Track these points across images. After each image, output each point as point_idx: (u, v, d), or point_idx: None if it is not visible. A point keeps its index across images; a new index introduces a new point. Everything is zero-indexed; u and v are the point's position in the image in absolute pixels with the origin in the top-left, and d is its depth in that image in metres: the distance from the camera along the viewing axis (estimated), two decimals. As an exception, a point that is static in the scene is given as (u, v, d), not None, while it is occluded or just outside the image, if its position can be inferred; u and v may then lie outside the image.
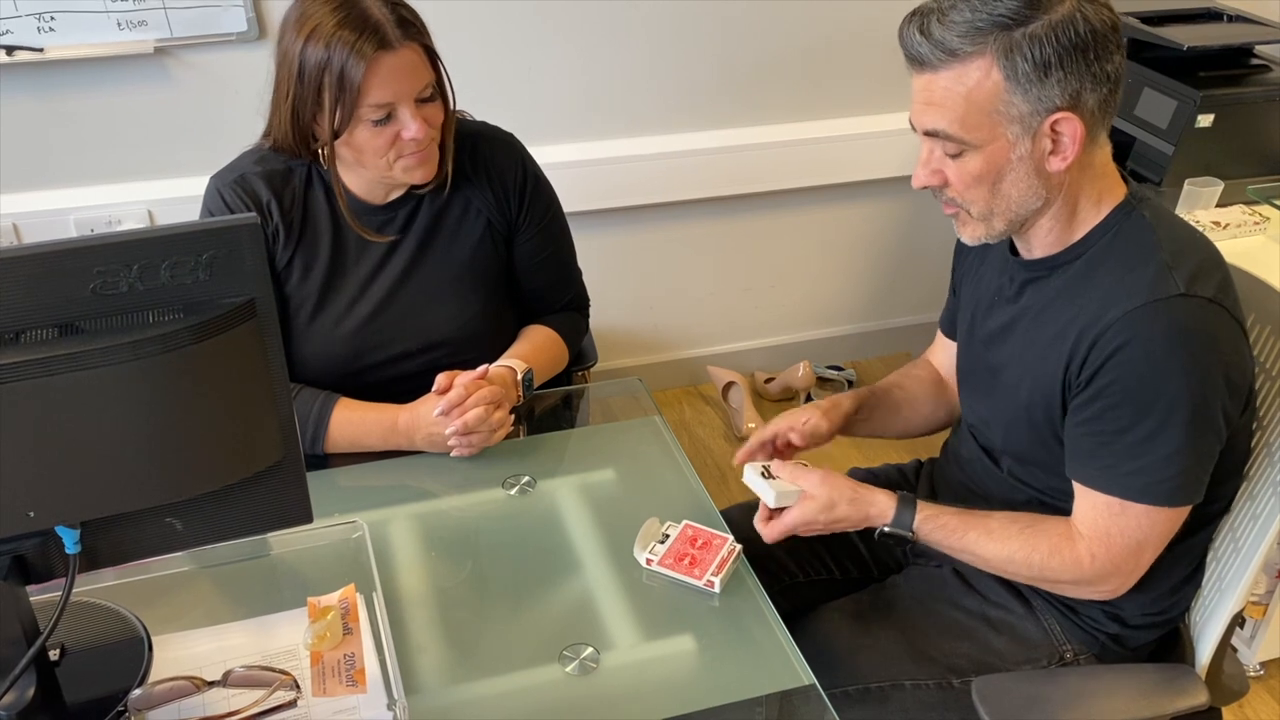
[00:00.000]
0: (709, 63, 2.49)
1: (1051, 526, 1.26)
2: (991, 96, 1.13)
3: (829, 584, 1.55)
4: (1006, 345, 1.34)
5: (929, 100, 1.17)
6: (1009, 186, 1.19)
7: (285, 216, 1.50)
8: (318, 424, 1.46)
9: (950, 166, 1.20)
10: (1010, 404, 1.32)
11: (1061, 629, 1.37)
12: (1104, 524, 1.22)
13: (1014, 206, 1.21)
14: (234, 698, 1.08)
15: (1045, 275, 1.28)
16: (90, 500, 0.95)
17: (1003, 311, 1.35)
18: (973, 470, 1.46)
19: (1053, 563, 1.25)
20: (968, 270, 1.47)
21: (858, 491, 1.29)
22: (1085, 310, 1.20)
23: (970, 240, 1.27)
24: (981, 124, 1.15)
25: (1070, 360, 1.21)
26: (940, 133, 1.17)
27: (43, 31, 2.04)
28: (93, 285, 0.89)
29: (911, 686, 1.35)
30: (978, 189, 1.20)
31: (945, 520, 1.29)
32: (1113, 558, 1.23)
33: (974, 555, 1.29)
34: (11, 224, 2.18)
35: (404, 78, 1.37)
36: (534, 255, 1.64)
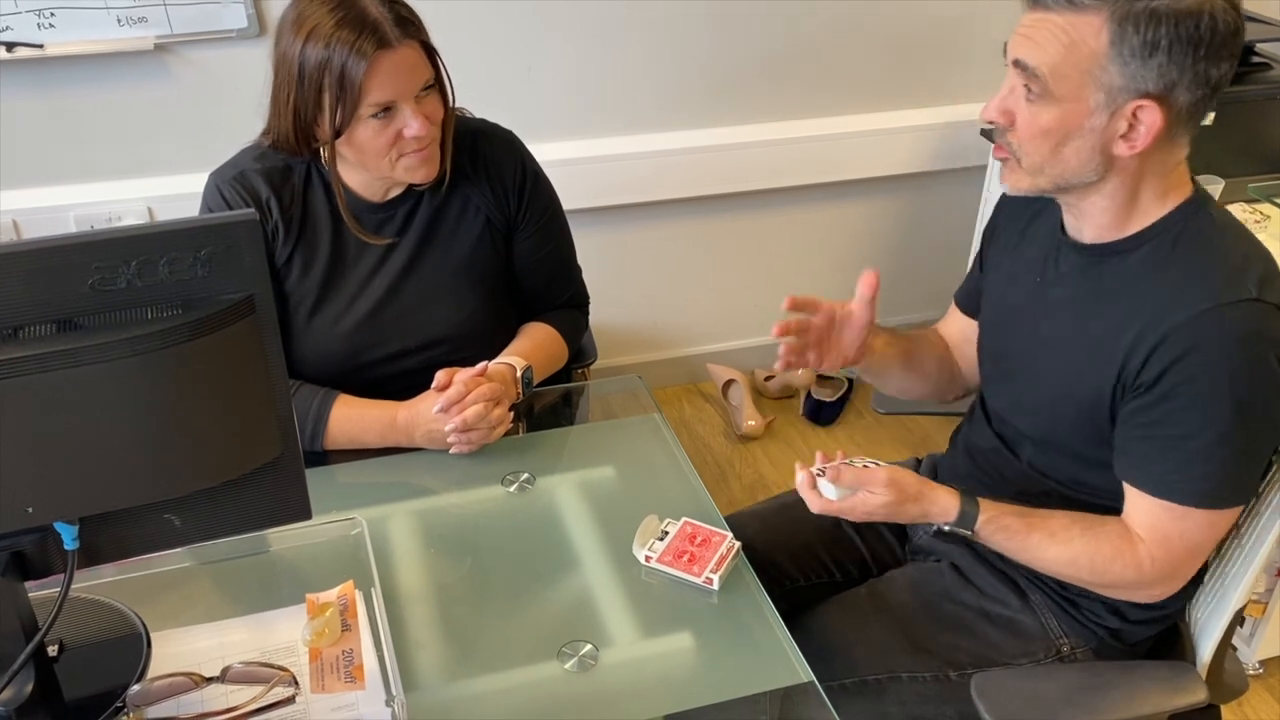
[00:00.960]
0: (709, 60, 2.49)
1: (1112, 529, 1.24)
2: (1091, 57, 1.11)
3: (829, 586, 1.54)
4: (1049, 328, 1.31)
5: (1031, 35, 1.15)
6: (1070, 153, 1.17)
7: (285, 214, 1.50)
8: (317, 420, 1.46)
9: (1023, 109, 1.17)
10: (1047, 389, 1.30)
11: (1059, 623, 1.37)
12: (1164, 528, 1.21)
13: (1067, 173, 1.18)
14: (232, 694, 1.08)
15: (1099, 262, 1.25)
16: (89, 496, 0.95)
17: (1046, 293, 1.32)
18: (987, 461, 1.43)
19: (1115, 566, 1.23)
20: (1003, 245, 1.44)
21: (923, 489, 1.25)
22: (1148, 306, 1.18)
23: (1012, 189, 1.24)
24: (1070, 78, 1.13)
25: (1130, 356, 1.18)
26: (1029, 69, 1.14)
27: (43, 27, 2.04)
28: (91, 281, 0.89)
29: (909, 679, 1.35)
30: (1040, 142, 1.17)
31: (1007, 522, 1.26)
32: (1172, 561, 1.22)
33: (1035, 558, 1.27)
34: (11, 220, 2.18)
35: (404, 75, 1.37)
36: (533, 253, 1.64)
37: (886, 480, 1.23)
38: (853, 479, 1.23)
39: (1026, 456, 1.37)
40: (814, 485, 1.24)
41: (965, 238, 2.66)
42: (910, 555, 1.55)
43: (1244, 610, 1.32)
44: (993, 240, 1.48)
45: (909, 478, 1.25)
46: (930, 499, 1.26)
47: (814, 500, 1.25)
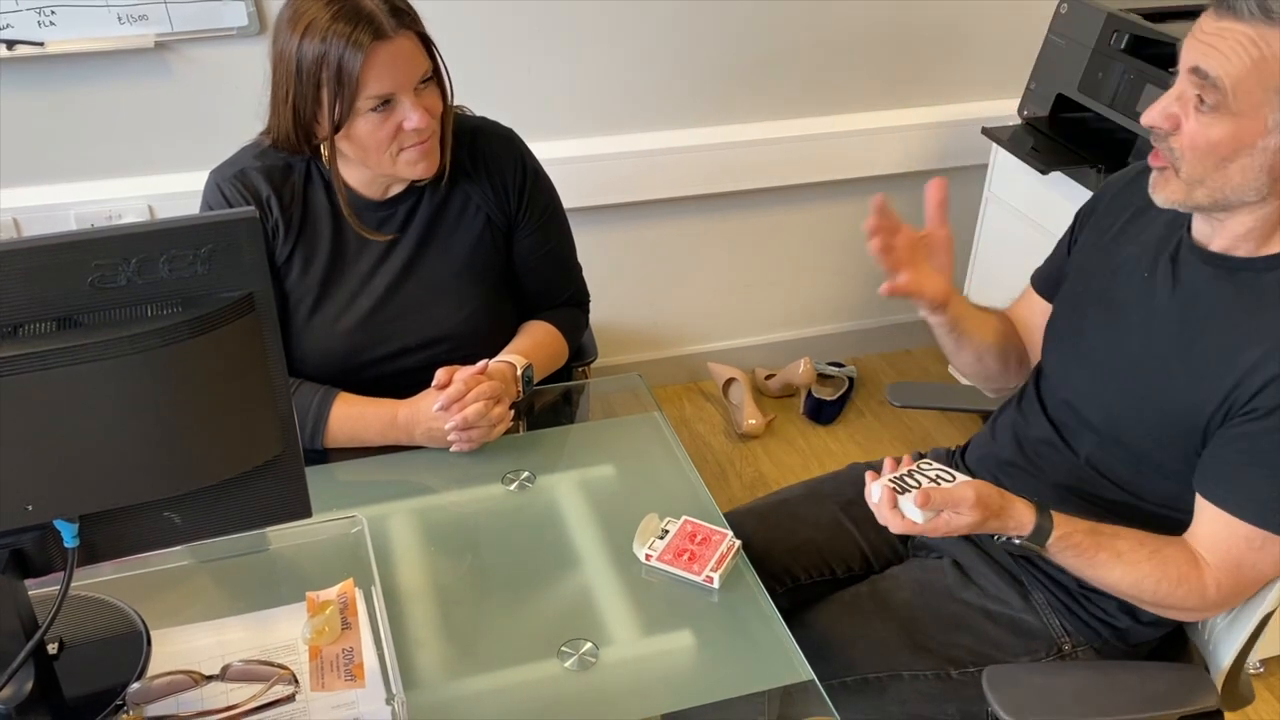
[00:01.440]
0: (710, 59, 2.49)
1: (1178, 553, 1.22)
2: (1279, 74, 1.07)
3: (831, 583, 1.53)
4: (1151, 328, 1.27)
5: (1215, 43, 1.09)
6: (1236, 170, 1.13)
7: (285, 212, 1.50)
8: (317, 419, 1.46)
9: (1192, 118, 1.13)
10: (1134, 389, 1.26)
11: (1061, 621, 1.37)
12: (1238, 555, 1.19)
13: (1228, 190, 1.14)
14: (232, 692, 1.08)
15: (1229, 274, 1.21)
16: (89, 494, 0.95)
17: (1154, 291, 1.28)
18: (1036, 451, 1.40)
19: (1179, 591, 1.21)
20: (1101, 230, 1.40)
21: (1004, 505, 1.21)
22: (1274, 333, 1.15)
23: (1164, 202, 1.19)
24: (1252, 94, 1.08)
25: (1246, 378, 1.15)
26: (1209, 77, 1.10)
27: (43, 25, 2.04)
28: (91, 279, 0.89)
29: (910, 677, 1.35)
30: (1206, 155, 1.13)
31: (1078, 540, 1.22)
32: (1237, 588, 1.21)
33: (1099, 576, 1.24)
34: (12, 218, 2.18)
35: (401, 66, 1.37)
36: (534, 251, 1.63)
37: (974, 501, 1.17)
38: (940, 500, 1.17)
39: (1085, 452, 1.34)
40: (894, 505, 1.19)
41: (966, 236, 2.65)
42: (911, 551, 1.55)
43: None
44: (1088, 224, 1.44)
45: (993, 494, 1.20)
46: (1010, 513, 1.21)
47: (895, 521, 1.19)
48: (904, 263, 1.33)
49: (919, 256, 1.34)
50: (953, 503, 1.17)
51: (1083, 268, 1.41)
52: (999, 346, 1.49)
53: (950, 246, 1.35)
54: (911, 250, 1.33)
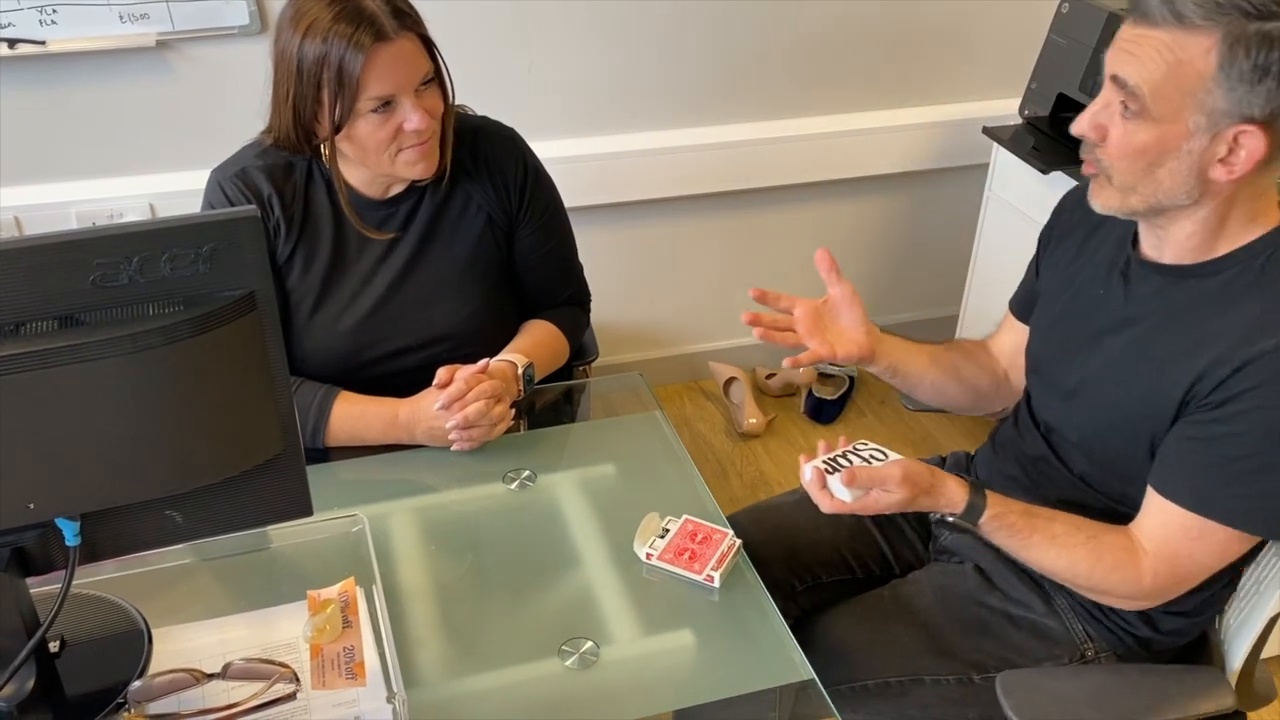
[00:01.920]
0: (711, 58, 2.49)
1: (1116, 540, 1.23)
2: (1196, 78, 1.07)
3: (851, 583, 1.53)
4: (1113, 346, 1.28)
5: (1134, 50, 1.10)
6: (1165, 174, 1.13)
7: (286, 211, 1.50)
8: (318, 417, 1.46)
9: (1118, 125, 1.13)
10: (1105, 406, 1.28)
11: (1084, 628, 1.36)
12: (1175, 544, 1.19)
13: (1160, 194, 1.15)
14: (233, 690, 1.08)
15: (1176, 283, 1.22)
16: (90, 492, 0.95)
17: (1110, 310, 1.29)
18: (1035, 469, 1.41)
19: (1113, 577, 1.22)
20: (1056, 256, 1.41)
21: (934, 482, 1.23)
22: (1225, 333, 1.15)
23: (1100, 208, 1.21)
24: (1171, 99, 1.09)
25: (1200, 379, 1.16)
26: (1128, 85, 1.10)
27: (45, 24, 2.04)
28: (93, 277, 0.89)
29: (931, 682, 1.34)
30: (1133, 161, 1.14)
31: (1012, 520, 1.24)
32: (1173, 578, 1.21)
33: (1033, 558, 1.26)
34: (13, 217, 2.18)
35: (402, 68, 1.37)
36: (535, 250, 1.63)
37: (901, 478, 1.20)
38: (867, 478, 1.20)
39: (1079, 469, 1.35)
40: (824, 485, 1.22)
41: (967, 236, 2.65)
42: (934, 555, 1.54)
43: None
44: (1050, 245, 1.45)
45: (921, 471, 1.23)
46: (940, 490, 1.24)
47: (825, 500, 1.22)
48: (810, 332, 1.35)
49: (825, 322, 1.37)
50: (879, 480, 1.20)
51: (1048, 291, 1.42)
52: (957, 381, 1.50)
53: (855, 300, 1.37)
54: (815, 319, 1.36)
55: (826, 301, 1.38)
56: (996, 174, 2.52)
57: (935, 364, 1.48)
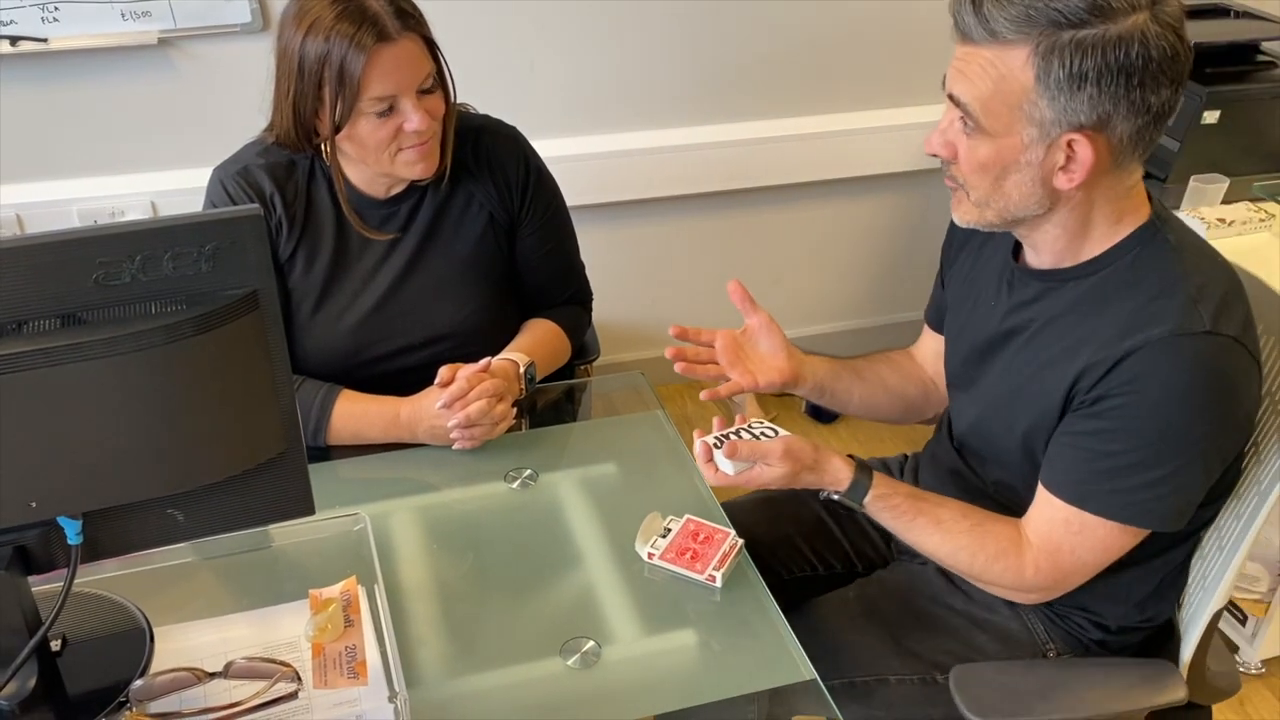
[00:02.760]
0: (712, 57, 2.49)
1: (1001, 530, 1.25)
2: (1019, 92, 1.08)
3: (813, 580, 1.54)
4: (1002, 356, 1.30)
5: (962, 69, 1.12)
6: (1011, 186, 1.15)
7: (288, 209, 1.50)
8: (320, 416, 1.46)
9: (963, 143, 1.15)
10: (1003, 414, 1.29)
11: (1045, 629, 1.37)
12: (1057, 538, 1.21)
13: (1011, 206, 1.17)
14: (235, 689, 1.08)
15: (1053, 288, 1.24)
16: (92, 491, 0.95)
17: (999, 319, 1.31)
18: (952, 479, 1.43)
19: (995, 567, 1.24)
20: (959, 266, 1.44)
21: (818, 458, 1.26)
22: (1100, 332, 1.16)
23: (961, 222, 1.24)
24: (1001, 114, 1.10)
25: (1079, 380, 1.17)
26: (961, 103, 1.13)
27: (47, 22, 2.04)
28: (95, 276, 0.89)
29: (896, 681, 1.35)
30: (981, 176, 1.16)
31: (897, 502, 1.27)
32: (1055, 573, 1.22)
33: (917, 541, 1.28)
34: (15, 214, 2.18)
35: (404, 69, 1.37)
36: (537, 249, 1.63)
37: (782, 452, 1.23)
38: (748, 452, 1.23)
39: (993, 478, 1.37)
40: (710, 458, 1.25)
41: (969, 235, 2.66)
42: (896, 554, 1.55)
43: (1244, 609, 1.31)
44: (949, 259, 1.47)
45: (804, 447, 1.25)
46: (824, 467, 1.26)
47: (710, 474, 1.26)
48: (731, 363, 1.39)
49: (745, 351, 1.40)
50: (761, 454, 1.23)
51: (954, 302, 1.44)
52: (885, 392, 1.52)
53: (772, 327, 1.40)
54: (735, 349, 1.39)
55: (745, 331, 1.41)
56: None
57: (861, 378, 1.51)
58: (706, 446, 1.26)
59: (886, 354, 1.58)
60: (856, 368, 1.51)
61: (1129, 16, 1.04)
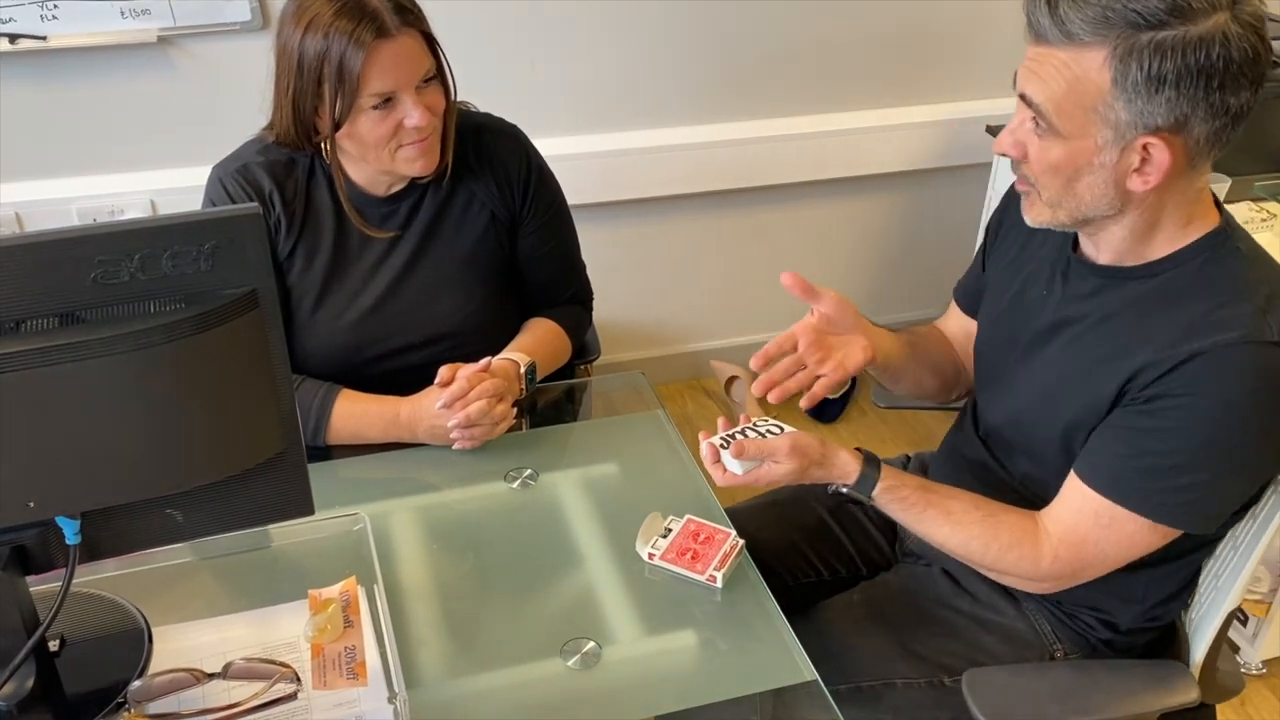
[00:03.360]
0: (713, 56, 2.48)
1: (1015, 520, 1.24)
2: (1095, 94, 1.06)
3: (818, 585, 1.53)
4: (1051, 347, 1.28)
5: (1036, 69, 1.10)
6: (1083, 188, 1.13)
7: (288, 207, 1.49)
8: (319, 415, 1.46)
9: (1034, 143, 1.14)
10: (1043, 406, 1.27)
11: (1052, 629, 1.37)
12: (1084, 530, 1.19)
13: (1083, 207, 1.15)
14: (234, 689, 1.08)
15: (1113, 285, 1.22)
16: (91, 491, 0.95)
17: (1051, 310, 1.29)
18: (973, 472, 1.42)
19: (1009, 556, 1.22)
20: (1003, 250, 1.41)
21: (825, 453, 1.25)
22: (1163, 332, 1.15)
23: (1033, 222, 1.21)
24: (1075, 116, 1.08)
25: (1135, 376, 1.16)
26: (1034, 104, 1.11)
27: (46, 20, 2.03)
28: (94, 275, 0.89)
29: (903, 685, 1.35)
30: (1053, 176, 1.14)
31: (906, 494, 1.25)
32: (1074, 564, 1.21)
33: (928, 533, 1.26)
34: (14, 213, 2.18)
35: (404, 65, 1.37)
36: (538, 248, 1.63)
37: (789, 449, 1.22)
38: (756, 451, 1.22)
39: (1021, 471, 1.35)
40: (718, 459, 1.24)
41: (970, 235, 2.65)
42: (901, 556, 1.54)
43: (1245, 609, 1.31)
44: (997, 239, 1.45)
45: (811, 443, 1.24)
46: (832, 461, 1.25)
47: (718, 475, 1.24)
48: (820, 361, 1.30)
49: (828, 341, 1.31)
50: (769, 452, 1.22)
51: (995, 285, 1.42)
52: (931, 368, 1.50)
53: (842, 305, 1.32)
54: (819, 342, 1.30)
55: (820, 318, 1.32)
56: (999, 173, 2.51)
57: (914, 351, 1.47)
58: (713, 448, 1.24)
59: (924, 329, 1.55)
60: (914, 344, 1.47)
61: (1209, 17, 1.02)
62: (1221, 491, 1.16)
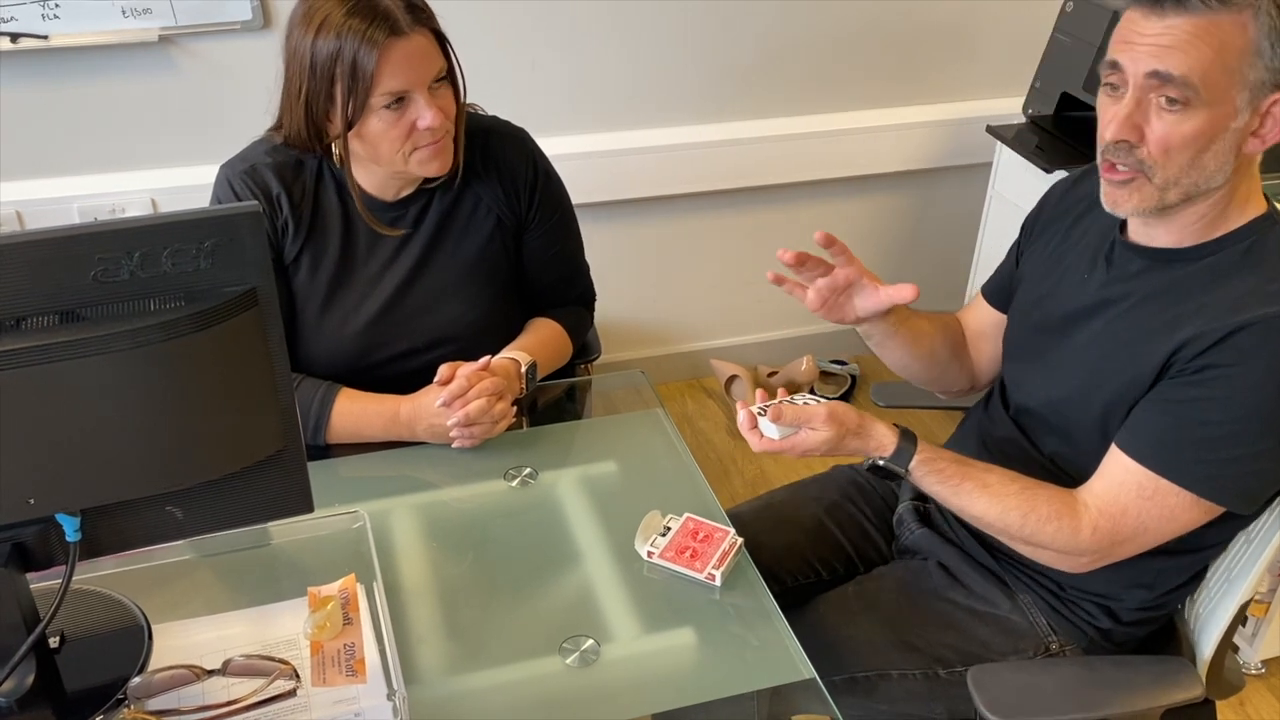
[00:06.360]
0: (715, 55, 2.48)
1: (1052, 492, 1.24)
2: (1240, 55, 1.08)
3: (818, 585, 1.53)
4: (1091, 326, 1.29)
5: (1170, 43, 1.09)
6: (1210, 158, 1.13)
7: (295, 210, 1.49)
8: (320, 414, 1.46)
9: (1157, 123, 1.13)
10: (1086, 385, 1.28)
11: (1048, 621, 1.37)
12: (1125, 501, 1.19)
13: (1202, 180, 1.15)
14: (233, 686, 1.08)
15: (1159, 266, 1.23)
16: (91, 488, 0.95)
17: (1093, 290, 1.30)
18: (1001, 450, 1.41)
19: (1048, 528, 1.22)
20: (1041, 245, 1.42)
21: (863, 423, 1.25)
22: (1210, 306, 1.16)
23: (1130, 210, 1.20)
24: (1220, 82, 1.09)
25: (1181, 349, 1.17)
26: (1175, 79, 1.09)
27: (47, 19, 2.03)
28: (94, 272, 0.89)
29: (898, 676, 1.35)
30: (1180, 153, 1.13)
31: (943, 466, 1.25)
32: (1115, 537, 1.21)
33: (965, 507, 1.26)
34: (15, 211, 2.18)
35: (416, 64, 1.36)
36: (543, 251, 1.63)
37: (827, 415, 1.22)
38: (794, 416, 1.22)
39: (1050, 449, 1.35)
40: (754, 425, 1.24)
41: (970, 234, 2.65)
42: (897, 554, 1.55)
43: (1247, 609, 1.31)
44: (1035, 232, 1.45)
45: (849, 411, 1.25)
46: (869, 432, 1.25)
47: (755, 440, 1.24)
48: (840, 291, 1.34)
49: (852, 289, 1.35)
50: (806, 419, 1.22)
51: (1031, 277, 1.42)
52: (928, 358, 1.49)
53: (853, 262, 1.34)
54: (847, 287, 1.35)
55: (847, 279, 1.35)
56: (1000, 173, 2.51)
57: (915, 336, 1.46)
58: (750, 414, 1.24)
59: (943, 316, 1.55)
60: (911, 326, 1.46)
61: None
62: (1264, 467, 1.17)
